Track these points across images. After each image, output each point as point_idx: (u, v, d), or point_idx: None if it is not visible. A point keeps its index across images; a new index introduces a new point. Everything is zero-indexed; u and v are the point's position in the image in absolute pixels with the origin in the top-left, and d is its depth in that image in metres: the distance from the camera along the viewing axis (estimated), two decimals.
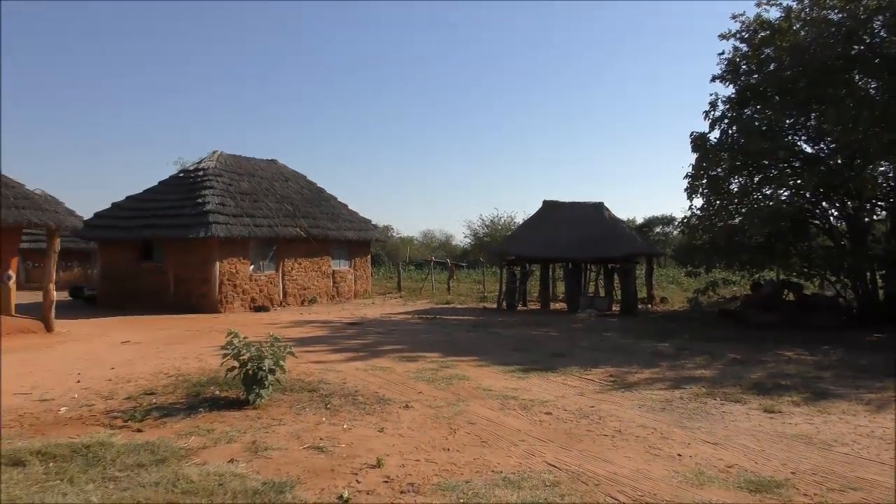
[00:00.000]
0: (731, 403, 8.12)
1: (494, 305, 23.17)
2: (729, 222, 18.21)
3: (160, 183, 23.98)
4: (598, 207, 23.03)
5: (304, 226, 23.65)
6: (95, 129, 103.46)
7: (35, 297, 18.77)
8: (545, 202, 24.11)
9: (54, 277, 15.41)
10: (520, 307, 22.84)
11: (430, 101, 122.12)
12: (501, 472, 5.41)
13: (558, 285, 27.21)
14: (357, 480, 5.21)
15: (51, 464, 5.50)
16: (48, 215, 14.48)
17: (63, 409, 7.67)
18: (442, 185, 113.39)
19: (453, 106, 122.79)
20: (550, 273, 24.76)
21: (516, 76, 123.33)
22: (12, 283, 14.88)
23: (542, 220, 23.35)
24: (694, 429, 6.92)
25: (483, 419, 7.20)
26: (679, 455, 5.98)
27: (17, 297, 15.25)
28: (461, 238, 62.21)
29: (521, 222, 34.16)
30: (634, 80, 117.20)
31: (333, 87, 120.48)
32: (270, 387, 7.81)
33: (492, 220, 51.26)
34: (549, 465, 5.65)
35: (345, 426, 6.85)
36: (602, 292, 23.63)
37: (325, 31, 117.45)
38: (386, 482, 5.19)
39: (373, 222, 29.24)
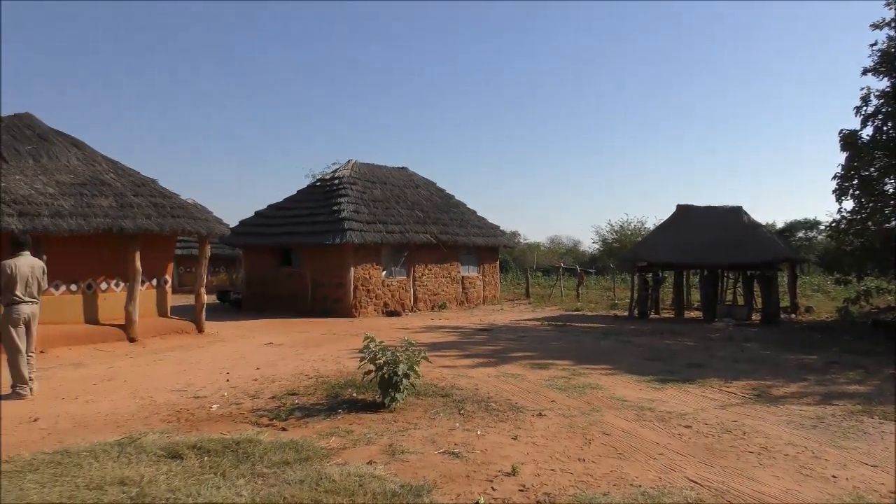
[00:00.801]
0: (890, 423, 7.55)
1: (625, 313, 22.66)
2: (884, 226, 16.96)
3: (298, 191, 25.14)
4: (736, 211, 22.01)
5: (434, 232, 24.03)
6: (237, 140, 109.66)
7: (186, 300, 20.12)
8: (679, 206, 23.33)
9: (205, 282, 16.45)
10: (652, 315, 22.19)
11: (558, 106, 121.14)
12: (640, 486, 5.27)
13: (693, 293, 26.28)
14: (493, 488, 5.23)
15: (205, 458, 5.85)
16: (200, 223, 15.46)
17: (214, 406, 8.16)
18: (569, 191, 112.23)
19: (582, 110, 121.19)
20: (684, 280, 23.93)
21: (649, 78, 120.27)
22: (168, 287, 15.98)
23: (675, 225, 22.60)
24: (849, 449, 6.48)
25: (618, 430, 7.05)
26: (834, 477, 5.61)
27: (171, 300, 16.36)
28: (589, 244, 61.41)
29: (651, 228, 33.26)
30: (773, 77, 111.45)
31: (463, 94, 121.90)
32: (405, 391, 7.98)
33: (621, 226, 50.19)
34: (691, 480, 5.45)
35: (478, 432, 6.89)
36: (740, 301, 22.59)
37: (454, 38, 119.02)
38: (521, 491, 5.17)
39: (500, 228, 29.31)
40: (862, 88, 18.90)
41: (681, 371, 10.92)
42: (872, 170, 17.14)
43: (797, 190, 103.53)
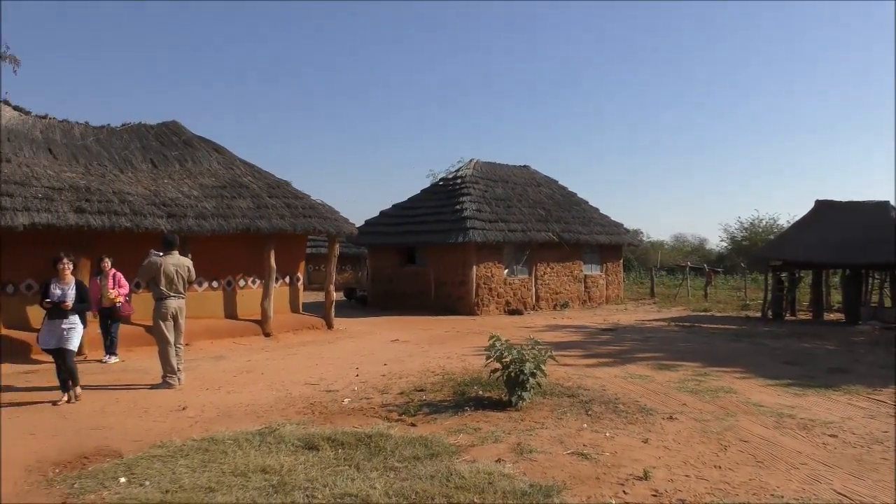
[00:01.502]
0: None
1: (758, 314, 21.64)
2: None
3: (422, 191, 25.58)
4: (883, 207, 20.47)
5: (556, 230, 23.83)
6: (362, 140, 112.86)
7: (315, 297, 20.92)
8: (818, 202, 22.02)
9: (334, 279, 17.05)
10: (787, 317, 21.05)
11: (682, 101, 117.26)
12: (782, 497, 5.02)
13: (833, 294, 24.75)
14: (624, 491, 5.13)
15: (339, 450, 6.06)
16: (329, 223, 16.03)
17: (346, 400, 8.44)
18: (694, 188, 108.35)
19: (706, 104, 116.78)
20: (824, 280, 22.53)
21: (779, 70, 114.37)
22: (300, 284, 16.67)
23: (814, 222, 21.32)
24: None
25: (756, 437, 6.74)
26: None
27: (302, 297, 17.06)
28: (716, 242, 59.02)
29: (785, 225, 31.57)
30: None
31: (583, 91, 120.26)
32: (532, 390, 7.96)
33: (751, 223, 47.92)
34: (838, 493, 5.14)
35: (607, 434, 6.78)
36: (888, 302, 21.07)
37: (570, 35, 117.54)
38: (654, 496, 5.05)
39: (624, 226, 28.69)
40: None
41: (822, 376, 10.32)
42: None
43: None
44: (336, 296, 18.34)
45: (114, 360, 11.65)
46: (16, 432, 6.85)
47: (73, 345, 8.33)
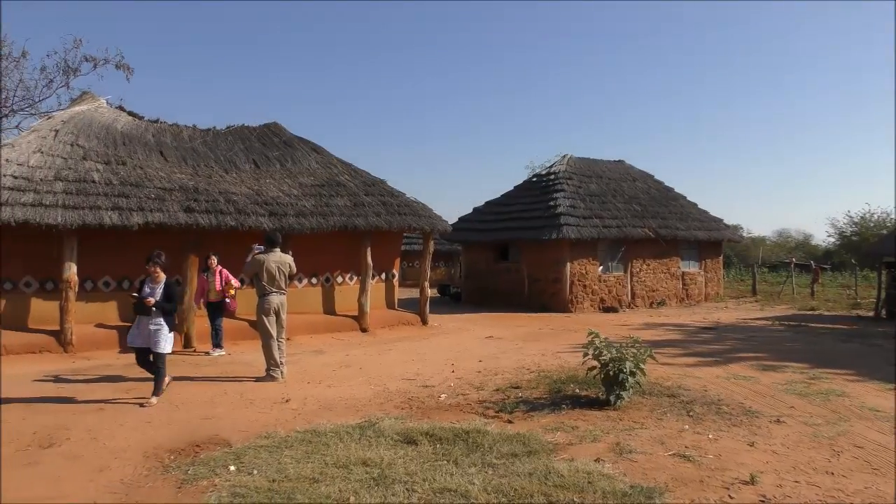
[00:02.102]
0: None
1: (870, 313, 20.52)
2: None
3: (515, 187, 25.51)
4: None
5: (652, 226, 23.29)
6: (454, 138, 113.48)
7: (409, 293, 21.16)
8: None
9: (429, 276, 17.23)
10: None
11: (785, 91, 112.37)
12: None
13: None
14: (729, 496, 4.98)
15: (437, 445, 6.13)
16: (424, 220, 16.21)
17: (443, 395, 8.53)
18: (797, 180, 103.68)
19: (811, 94, 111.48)
20: None
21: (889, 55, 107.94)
22: (395, 281, 16.94)
23: None
24: None
25: (872, 443, 6.40)
26: None
27: (398, 294, 17.32)
28: (823, 238, 56.34)
29: None
30: None
31: (677, 86, 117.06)
32: (630, 389, 7.82)
33: (861, 218, 45.51)
34: None
35: (710, 436, 6.59)
36: None
37: (671, 28, 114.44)
38: (762, 501, 4.87)
39: (723, 221, 27.72)
40: None
41: None
42: None
43: None
44: (430, 292, 18.53)
45: (220, 353, 12.14)
46: (134, 420, 7.26)
47: (162, 347, 8.23)
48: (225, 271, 12.32)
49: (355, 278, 15.76)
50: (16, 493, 5.07)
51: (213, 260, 12.27)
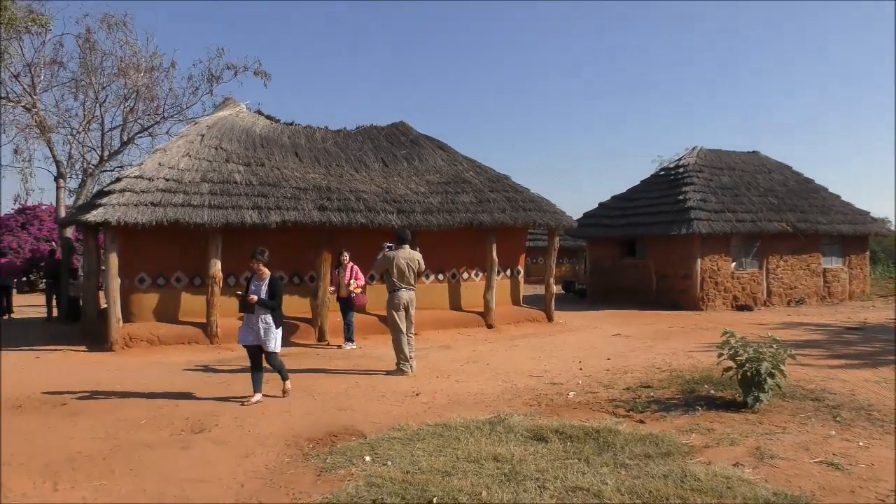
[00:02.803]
0: None
1: None
2: None
3: (642, 181, 24.88)
4: None
5: (789, 220, 22.08)
6: (579, 133, 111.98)
7: (533, 289, 21.09)
8: None
9: (554, 272, 17.13)
10: None
11: None
12: None
13: None
14: None
15: (568, 443, 6.10)
16: (549, 216, 16.12)
17: (571, 393, 8.47)
18: None
19: None
20: None
21: None
22: (521, 277, 16.95)
23: None
24: None
25: None
26: None
27: (523, 290, 17.31)
28: None
29: None
30: None
31: (810, 73, 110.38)
32: (769, 391, 7.47)
33: None
34: None
35: (860, 443, 6.20)
36: None
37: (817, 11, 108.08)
38: None
39: (870, 214, 25.88)
40: None
41: None
42: None
43: None
44: (555, 289, 18.39)
45: (351, 346, 12.57)
46: (275, 410, 7.65)
47: (272, 346, 8.07)
48: (355, 267, 12.74)
49: (481, 274, 15.88)
50: (173, 472, 5.46)
51: (345, 256, 12.71)
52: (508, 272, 16.61)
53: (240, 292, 8.22)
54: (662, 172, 24.72)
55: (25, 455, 5.94)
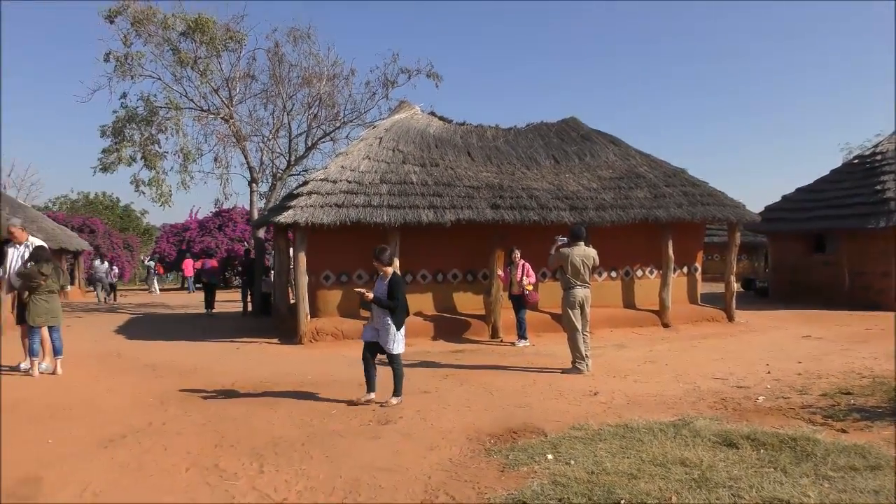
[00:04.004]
0: None
1: None
2: None
3: (831, 171, 23.01)
4: None
5: None
6: (762, 122, 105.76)
7: (708, 287, 20.12)
8: None
9: (734, 269, 16.30)
10: None
11: None
12: None
13: None
14: None
15: (761, 450, 5.78)
16: (728, 210, 15.36)
17: (760, 398, 8.02)
18: None
19: None
20: None
21: None
22: (698, 274, 16.27)
23: None
24: None
25: None
26: None
27: (701, 288, 16.61)
28: None
29: None
30: None
31: None
32: None
33: None
34: None
35: None
36: None
37: None
38: None
39: None
40: None
41: None
42: None
43: None
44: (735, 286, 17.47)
45: (524, 343, 12.64)
46: (455, 404, 7.85)
47: (391, 347, 7.76)
48: (527, 265, 12.78)
49: (655, 272, 15.42)
50: (365, 461, 5.75)
51: (517, 254, 12.79)
52: (685, 269, 16.00)
53: (360, 289, 7.95)
54: (856, 161, 22.74)
55: (234, 438, 6.49)
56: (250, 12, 42.09)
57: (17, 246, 9.88)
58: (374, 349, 7.95)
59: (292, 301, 15.57)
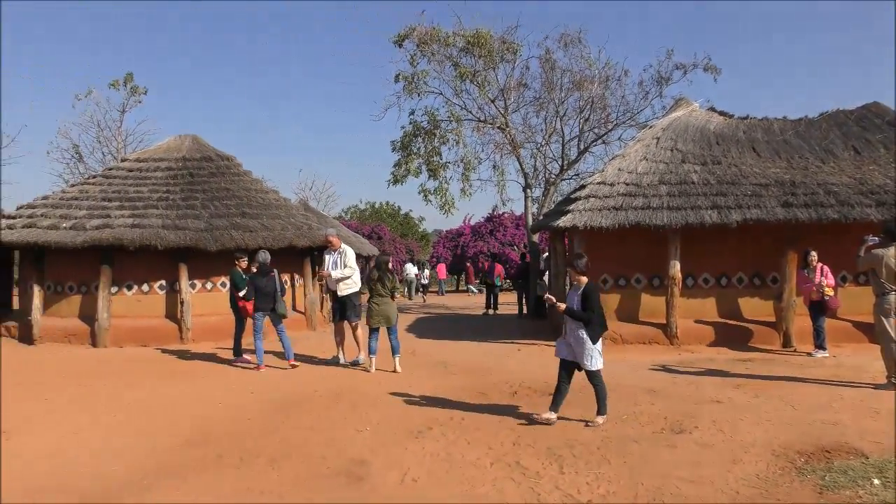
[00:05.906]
0: None
1: None
2: None
3: None
4: None
5: None
6: None
7: None
8: None
9: None
10: None
11: None
12: None
13: None
14: None
15: None
16: None
17: None
18: None
19: None
20: None
21: None
22: None
23: None
24: None
25: None
26: None
27: None
28: None
29: None
30: None
31: None
32: None
33: None
34: None
35: None
36: None
37: None
38: None
39: None
40: None
41: None
42: None
43: None
44: None
45: (822, 354, 11.54)
46: (752, 416, 7.39)
47: (587, 363, 7.08)
48: (825, 268, 11.67)
49: None
50: (664, 469, 5.62)
51: (814, 256, 11.73)
52: None
53: (549, 296, 7.56)
54: None
55: (531, 437, 6.73)
56: (522, 22, 42.86)
57: (332, 252, 11.29)
58: (569, 367, 7.28)
59: None
